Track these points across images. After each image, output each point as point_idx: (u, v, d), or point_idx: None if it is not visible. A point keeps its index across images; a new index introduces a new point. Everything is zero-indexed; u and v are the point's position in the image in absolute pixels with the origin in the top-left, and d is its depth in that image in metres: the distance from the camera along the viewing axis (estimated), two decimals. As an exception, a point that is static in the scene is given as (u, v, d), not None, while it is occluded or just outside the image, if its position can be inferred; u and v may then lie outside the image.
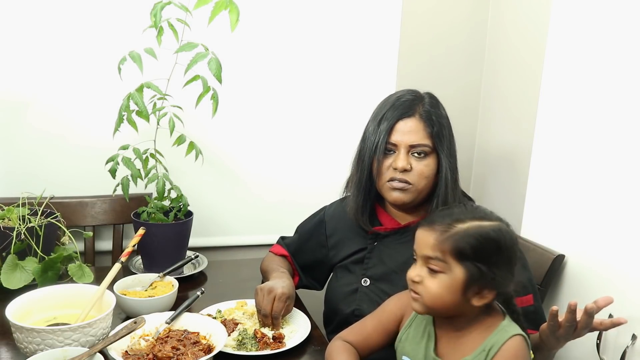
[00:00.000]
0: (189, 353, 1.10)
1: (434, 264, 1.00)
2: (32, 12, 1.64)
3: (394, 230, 1.37)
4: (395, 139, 1.30)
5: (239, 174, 1.90)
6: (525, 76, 1.82)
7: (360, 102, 1.89)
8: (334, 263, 1.45)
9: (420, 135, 1.29)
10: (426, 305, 1.02)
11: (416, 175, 1.29)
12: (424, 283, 1.01)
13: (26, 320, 1.15)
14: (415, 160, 1.30)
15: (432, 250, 1.00)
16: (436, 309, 1.02)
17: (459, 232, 0.99)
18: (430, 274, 1.01)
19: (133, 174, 1.50)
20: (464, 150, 2.00)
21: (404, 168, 1.29)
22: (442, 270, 0.99)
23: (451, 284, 0.99)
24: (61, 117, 1.72)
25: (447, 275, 0.99)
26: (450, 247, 0.98)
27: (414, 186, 1.30)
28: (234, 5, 1.33)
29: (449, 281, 0.99)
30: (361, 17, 1.89)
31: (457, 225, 1.00)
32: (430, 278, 1.00)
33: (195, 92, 1.45)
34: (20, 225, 1.41)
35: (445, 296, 1.00)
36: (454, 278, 0.99)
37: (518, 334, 1.01)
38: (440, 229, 1.00)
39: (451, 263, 0.99)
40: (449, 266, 0.99)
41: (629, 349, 1.21)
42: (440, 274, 1.00)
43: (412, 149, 1.30)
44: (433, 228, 1.01)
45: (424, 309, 1.03)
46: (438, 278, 1.00)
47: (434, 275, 1.00)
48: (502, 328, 1.02)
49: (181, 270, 1.56)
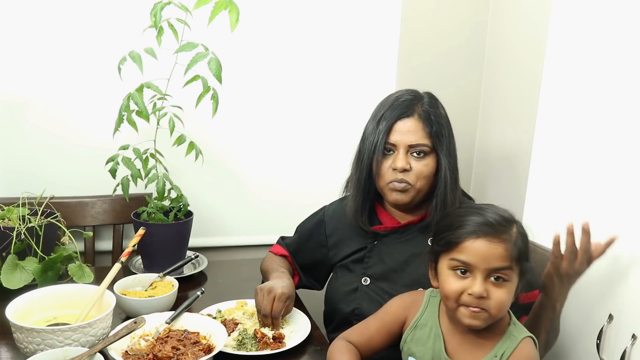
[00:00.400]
0: (189, 353, 1.10)
1: (505, 274, 0.98)
2: (33, 12, 1.64)
3: (394, 229, 1.37)
4: (394, 139, 1.30)
5: (239, 174, 1.90)
6: (525, 76, 1.82)
7: (360, 102, 1.89)
8: (334, 262, 1.45)
9: (419, 135, 1.29)
10: (493, 317, 1.00)
11: (415, 175, 1.29)
12: (491, 296, 0.98)
13: (26, 320, 1.15)
14: (415, 160, 1.30)
15: (504, 260, 0.98)
16: (498, 317, 1.01)
17: (515, 234, 1.00)
18: (495, 285, 0.98)
19: (133, 174, 1.50)
20: (464, 150, 2.00)
21: (403, 168, 1.29)
22: (509, 279, 0.98)
23: (513, 289, 0.99)
24: (61, 117, 1.72)
25: (511, 283, 0.99)
26: (517, 252, 0.98)
27: (413, 186, 1.30)
28: (234, 5, 1.33)
29: (512, 287, 0.99)
30: (361, 17, 1.89)
31: (511, 230, 1.00)
32: (496, 289, 0.98)
33: (195, 92, 1.45)
34: (20, 225, 1.41)
35: (509, 303, 1.00)
36: (515, 282, 0.99)
37: (526, 337, 1.02)
38: (505, 237, 0.98)
39: (515, 268, 0.99)
40: (514, 272, 0.99)
41: (628, 349, 1.21)
42: (506, 282, 0.98)
43: (411, 149, 1.30)
44: (499, 237, 0.98)
45: (486, 323, 1.01)
46: (505, 287, 0.98)
47: (500, 286, 0.98)
48: (510, 334, 1.02)
49: (181, 270, 1.56)
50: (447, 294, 1.02)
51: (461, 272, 1.00)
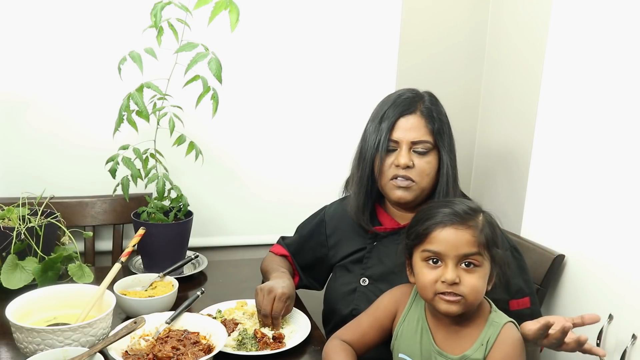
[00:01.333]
0: (189, 353, 1.10)
1: (475, 259, 1.02)
2: (32, 12, 1.64)
3: (394, 231, 1.37)
4: (397, 136, 1.30)
5: (239, 174, 1.90)
6: (525, 74, 1.82)
7: (360, 101, 1.89)
8: (334, 262, 1.45)
9: (422, 132, 1.29)
10: (469, 303, 1.03)
11: (418, 172, 1.29)
12: (464, 282, 1.02)
13: (26, 320, 1.15)
14: (417, 157, 1.30)
15: (472, 246, 1.02)
16: (475, 304, 1.05)
17: (482, 223, 1.04)
18: (466, 271, 1.02)
19: (133, 174, 1.50)
20: (464, 149, 2.00)
21: (406, 164, 1.28)
22: (479, 265, 1.03)
23: (485, 274, 1.03)
24: (61, 117, 1.72)
25: (482, 268, 1.03)
26: (485, 239, 1.02)
27: (417, 184, 1.30)
28: (234, 5, 1.33)
29: (484, 272, 1.03)
30: (361, 16, 1.89)
31: (478, 217, 1.04)
32: (468, 275, 1.02)
33: (195, 92, 1.45)
34: (20, 225, 1.41)
35: (484, 288, 1.04)
36: (487, 268, 1.03)
37: (507, 322, 1.06)
38: (472, 224, 1.03)
39: (484, 254, 1.03)
40: (484, 258, 1.03)
41: (629, 349, 1.21)
42: (477, 268, 1.03)
43: (414, 146, 1.30)
44: (465, 224, 1.03)
45: (464, 309, 1.04)
46: (477, 273, 1.03)
47: (472, 271, 1.02)
48: (492, 320, 1.06)
49: (181, 270, 1.56)
50: (423, 285, 1.05)
51: (433, 262, 1.04)
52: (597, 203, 1.34)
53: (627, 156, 1.26)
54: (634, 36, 1.25)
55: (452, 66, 2.02)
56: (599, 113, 1.35)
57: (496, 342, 1.04)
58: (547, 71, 1.52)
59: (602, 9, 1.34)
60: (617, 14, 1.30)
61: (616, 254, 1.28)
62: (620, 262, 1.27)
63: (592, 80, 1.37)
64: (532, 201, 1.58)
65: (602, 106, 1.34)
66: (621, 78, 1.28)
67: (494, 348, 1.03)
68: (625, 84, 1.27)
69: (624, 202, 1.26)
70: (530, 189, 1.59)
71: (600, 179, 1.33)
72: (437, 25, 1.99)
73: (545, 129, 1.53)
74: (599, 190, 1.34)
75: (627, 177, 1.26)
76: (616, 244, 1.28)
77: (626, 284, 1.25)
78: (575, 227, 1.42)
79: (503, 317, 1.07)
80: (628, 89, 1.26)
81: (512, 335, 1.05)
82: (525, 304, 1.26)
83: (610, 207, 1.30)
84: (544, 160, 1.53)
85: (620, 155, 1.28)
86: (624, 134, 1.27)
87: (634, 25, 1.25)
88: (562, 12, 1.47)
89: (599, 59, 1.35)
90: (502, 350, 1.03)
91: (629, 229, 1.25)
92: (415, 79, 1.97)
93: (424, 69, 2.00)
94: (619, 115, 1.29)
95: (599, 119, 1.35)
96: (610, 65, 1.31)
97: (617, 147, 1.29)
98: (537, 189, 1.56)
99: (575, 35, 1.42)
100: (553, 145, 1.50)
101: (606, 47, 1.33)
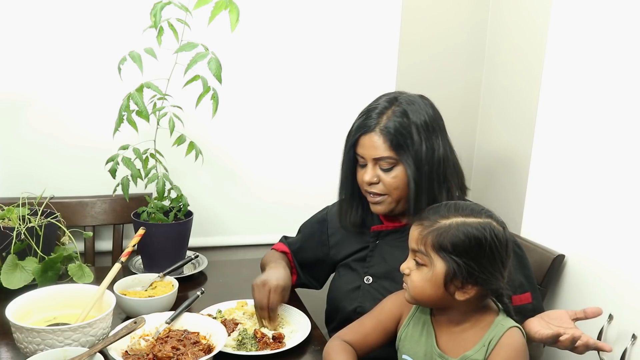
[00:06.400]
0: (189, 353, 1.10)
1: (419, 257, 1.05)
2: (32, 12, 1.64)
3: (395, 229, 1.38)
4: (361, 152, 1.32)
5: (239, 174, 1.90)
6: (525, 75, 1.82)
7: (360, 101, 1.86)
8: (336, 261, 1.45)
9: (382, 149, 1.28)
10: (411, 296, 1.07)
11: (386, 186, 1.30)
12: (410, 275, 1.06)
13: (26, 320, 1.15)
14: (383, 173, 1.30)
15: (417, 243, 1.05)
16: (420, 300, 1.07)
17: (442, 227, 1.03)
18: (417, 267, 1.05)
19: (133, 174, 1.50)
20: (463, 150, 1.99)
21: (369, 182, 1.30)
22: (425, 264, 1.04)
23: (432, 277, 1.03)
24: (61, 117, 1.72)
25: (429, 269, 1.04)
26: (432, 241, 1.03)
27: (389, 196, 1.31)
28: (234, 5, 1.33)
29: (430, 274, 1.03)
30: (361, 16, 1.89)
31: (441, 221, 1.04)
32: (415, 271, 1.05)
33: (195, 92, 1.45)
34: (20, 225, 1.41)
35: (427, 289, 1.04)
36: (435, 272, 1.03)
37: (513, 327, 1.04)
38: (426, 224, 1.05)
39: (433, 257, 1.03)
40: (432, 260, 1.03)
41: (629, 349, 1.21)
42: (423, 267, 1.04)
43: (378, 162, 1.30)
44: (421, 223, 1.06)
45: (411, 300, 1.08)
46: (421, 271, 1.05)
47: (419, 268, 1.05)
48: (498, 323, 1.05)
49: (181, 270, 1.56)
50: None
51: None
52: (597, 203, 1.34)
53: (628, 156, 1.26)
54: (634, 36, 1.25)
55: (452, 66, 2.02)
56: (599, 113, 1.35)
57: (498, 344, 1.02)
58: (547, 71, 1.52)
59: (602, 9, 1.34)
60: (617, 14, 1.30)
61: (616, 254, 1.28)
62: (620, 262, 1.27)
63: (592, 80, 1.37)
64: (532, 201, 1.58)
65: (602, 106, 1.34)
66: (621, 78, 1.28)
67: (495, 350, 1.02)
68: (625, 84, 1.27)
69: (624, 202, 1.26)
70: (530, 189, 1.59)
71: (601, 179, 1.33)
72: (437, 25, 1.99)
73: (545, 129, 1.53)
74: (599, 190, 1.34)
75: (628, 176, 1.26)
76: (616, 243, 1.28)
77: (626, 284, 1.25)
78: (575, 227, 1.42)
79: (509, 321, 1.06)
80: (628, 89, 1.26)
81: (515, 339, 1.03)
82: (527, 299, 1.25)
83: (610, 207, 1.30)
84: (544, 160, 1.53)
85: (621, 155, 1.28)
86: (624, 133, 1.27)
87: (634, 26, 1.25)
88: (562, 12, 1.47)
89: (599, 59, 1.35)
90: (503, 353, 1.01)
91: (629, 229, 1.25)
92: (415, 79, 1.97)
93: (424, 69, 1.99)
94: (619, 115, 1.29)
95: (598, 119, 1.35)
96: (610, 65, 1.31)
97: (617, 147, 1.29)
98: (537, 189, 1.56)
99: (575, 35, 1.42)
100: (553, 145, 1.50)
101: (606, 47, 1.33)
